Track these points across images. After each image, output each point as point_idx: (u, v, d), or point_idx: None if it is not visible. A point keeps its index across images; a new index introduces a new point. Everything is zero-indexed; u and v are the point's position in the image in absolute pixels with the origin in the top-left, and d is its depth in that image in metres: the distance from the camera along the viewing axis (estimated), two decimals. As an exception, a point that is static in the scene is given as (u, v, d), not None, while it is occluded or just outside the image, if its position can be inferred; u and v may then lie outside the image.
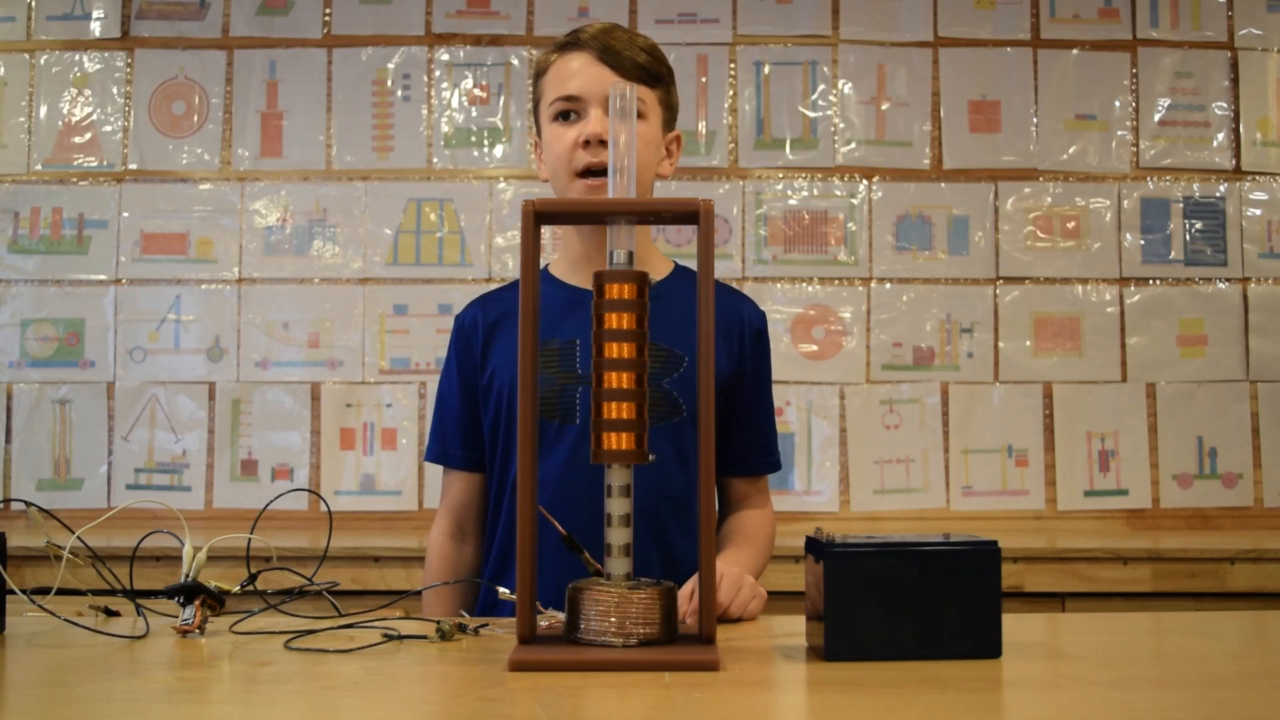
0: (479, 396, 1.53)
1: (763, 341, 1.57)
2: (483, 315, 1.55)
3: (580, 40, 1.47)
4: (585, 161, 1.43)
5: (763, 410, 1.57)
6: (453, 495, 1.57)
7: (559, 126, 1.46)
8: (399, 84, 2.97)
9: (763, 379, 1.57)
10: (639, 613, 1.03)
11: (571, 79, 1.45)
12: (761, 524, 1.56)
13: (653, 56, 1.48)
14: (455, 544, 1.56)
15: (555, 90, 1.46)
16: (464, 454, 1.55)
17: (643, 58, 1.46)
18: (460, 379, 1.55)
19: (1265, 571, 2.38)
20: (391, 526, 2.83)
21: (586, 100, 1.44)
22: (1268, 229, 2.97)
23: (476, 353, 1.53)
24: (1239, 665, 1.09)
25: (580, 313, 1.42)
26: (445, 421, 1.56)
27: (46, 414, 2.91)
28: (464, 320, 1.57)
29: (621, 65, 1.44)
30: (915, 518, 2.88)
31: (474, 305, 1.58)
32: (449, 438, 1.56)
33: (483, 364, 1.53)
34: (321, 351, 2.92)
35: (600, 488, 1.05)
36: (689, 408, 1.44)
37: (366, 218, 2.94)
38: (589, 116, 1.43)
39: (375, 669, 1.01)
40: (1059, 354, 2.93)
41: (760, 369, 1.56)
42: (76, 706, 0.90)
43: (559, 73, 1.47)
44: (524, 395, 1.07)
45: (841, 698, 0.93)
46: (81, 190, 2.95)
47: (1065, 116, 2.98)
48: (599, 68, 1.44)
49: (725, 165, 2.96)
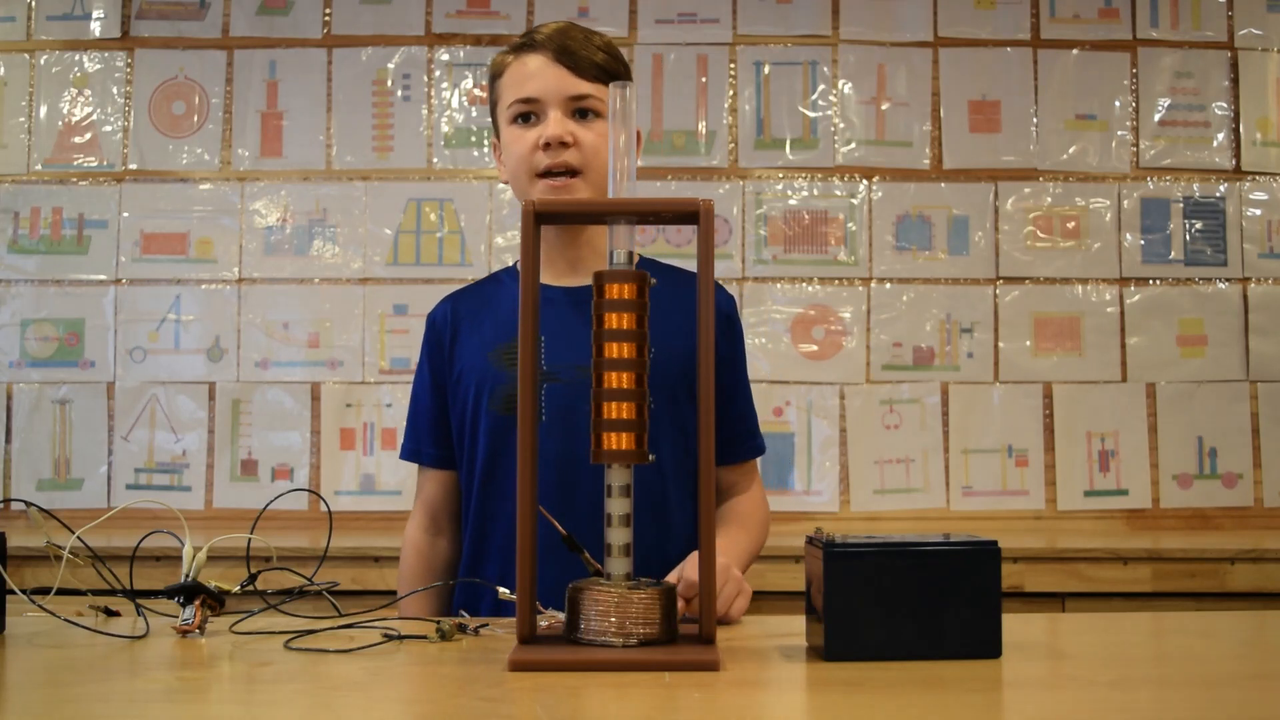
0: (449, 393, 1.53)
1: (734, 326, 1.55)
2: (452, 312, 1.55)
3: (536, 41, 1.46)
4: (545, 163, 1.43)
5: (740, 396, 1.55)
6: (426, 493, 1.58)
7: (518, 129, 1.46)
8: (399, 84, 2.97)
9: (737, 364, 1.55)
10: (639, 613, 1.03)
11: (529, 81, 1.45)
12: (752, 509, 1.54)
13: (610, 55, 1.47)
14: (430, 538, 1.57)
15: (513, 92, 1.46)
16: (436, 452, 1.56)
17: (600, 57, 1.45)
18: (432, 376, 1.55)
19: (1265, 571, 2.38)
20: (391, 526, 2.82)
21: (545, 102, 1.44)
22: (1268, 229, 2.97)
23: (446, 349, 1.53)
24: (1239, 665, 1.09)
25: (547, 310, 1.41)
26: (418, 420, 1.57)
27: (46, 414, 2.90)
28: (435, 317, 1.57)
29: (579, 65, 1.44)
30: (915, 518, 2.88)
31: (445, 302, 1.59)
32: (421, 436, 1.56)
33: (451, 360, 1.53)
34: (321, 351, 2.92)
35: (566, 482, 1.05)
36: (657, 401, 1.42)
37: (366, 218, 2.94)
38: (548, 118, 1.43)
39: (375, 669, 1.01)
40: (1059, 354, 2.93)
41: (734, 354, 1.54)
42: (76, 706, 0.90)
43: (516, 74, 1.46)
44: (524, 396, 1.07)
45: (841, 698, 0.93)
46: (81, 190, 2.95)
47: (1065, 116, 2.98)
48: (556, 69, 1.44)
49: (725, 165, 2.96)
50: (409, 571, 1.56)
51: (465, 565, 1.51)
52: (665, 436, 1.44)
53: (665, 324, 1.33)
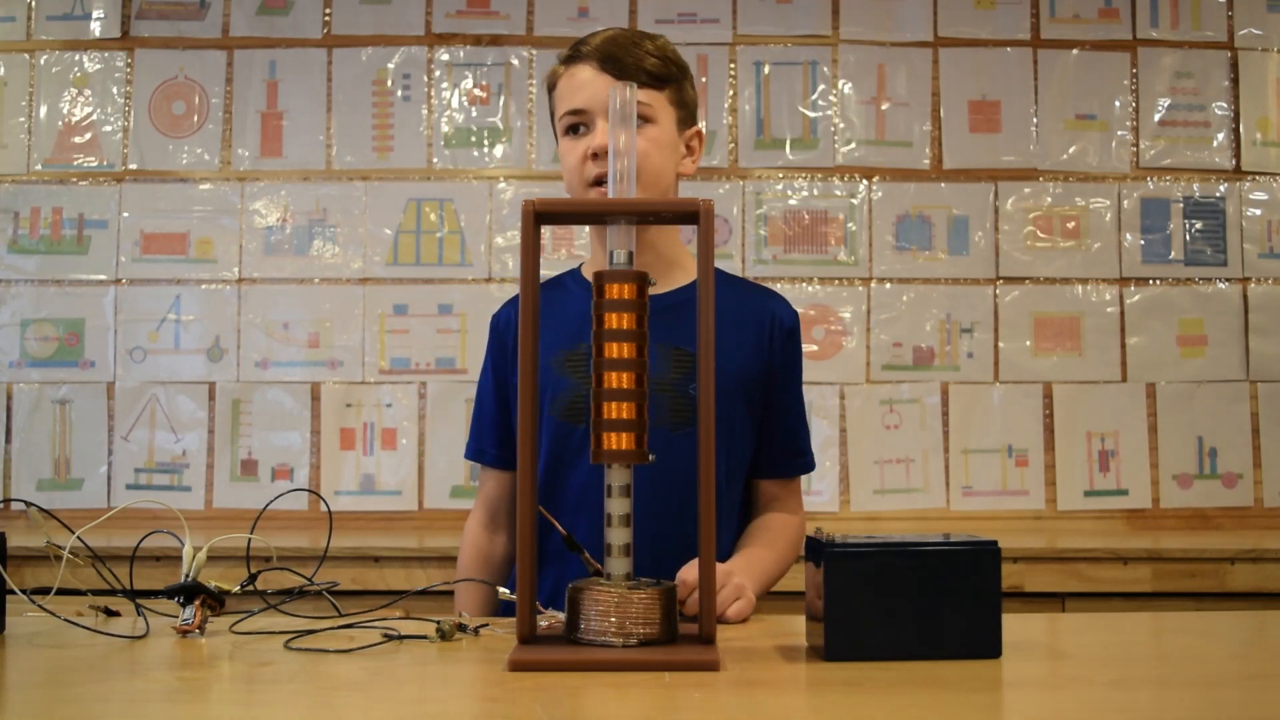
0: (511, 396, 1.54)
1: (794, 341, 1.56)
2: (515, 315, 1.57)
3: (582, 52, 1.47)
4: (594, 173, 1.44)
5: (794, 411, 1.56)
6: (487, 490, 1.62)
7: (569, 140, 1.48)
8: (399, 84, 2.97)
9: (794, 379, 1.56)
10: (639, 613, 1.03)
11: (577, 93, 1.46)
12: (785, 526, 1.54)
13: (661, 58, 1.47)
14: (488, 534, 1.60)
15: (564, 104, 1.48)
16: (497, 452, 1.58)
17: (649, 62, 1.46)
18: (494, 378, 1.58)
19: (1265, 571, 2.38)
20: (391, 526, 2.83)
21: (593, 113, 1.45)
22: (1268, 229, 2.97)
23: (509, 353, 1.55)
24: (1239, 665, 1.09)
25: None
26: (482, 420, 1.60)
27: (46, 414, 2.90)
28: (499, 320, 1.60)
29: (626, 73, 1.44)
30: (915, 518, 2.88)
31: (508, 305, 1.61)
32: (484, 436, 1.59)
33: (513, 364, 1.54)
34: (321, 351, 2.92)
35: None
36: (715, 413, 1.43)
37: (366, 218, 2.94)
38: (596, 129, 1.44)
39: (375, 669, 1.01)
40: (1059, 354, 2.93)
41: (791, 369, 1.56)
42: (76, 706, 0.90)
43: (567, 86, 1.48)
44: (524, 395, 1.07)
45: (841, 698, 0.93)
46: (81, 190, 2.95)
47: (1065, 116, 2.98)
48: (604, 79, 1.44)
49: (725, 165, 2.96)
50: (467, 564, 1.59)
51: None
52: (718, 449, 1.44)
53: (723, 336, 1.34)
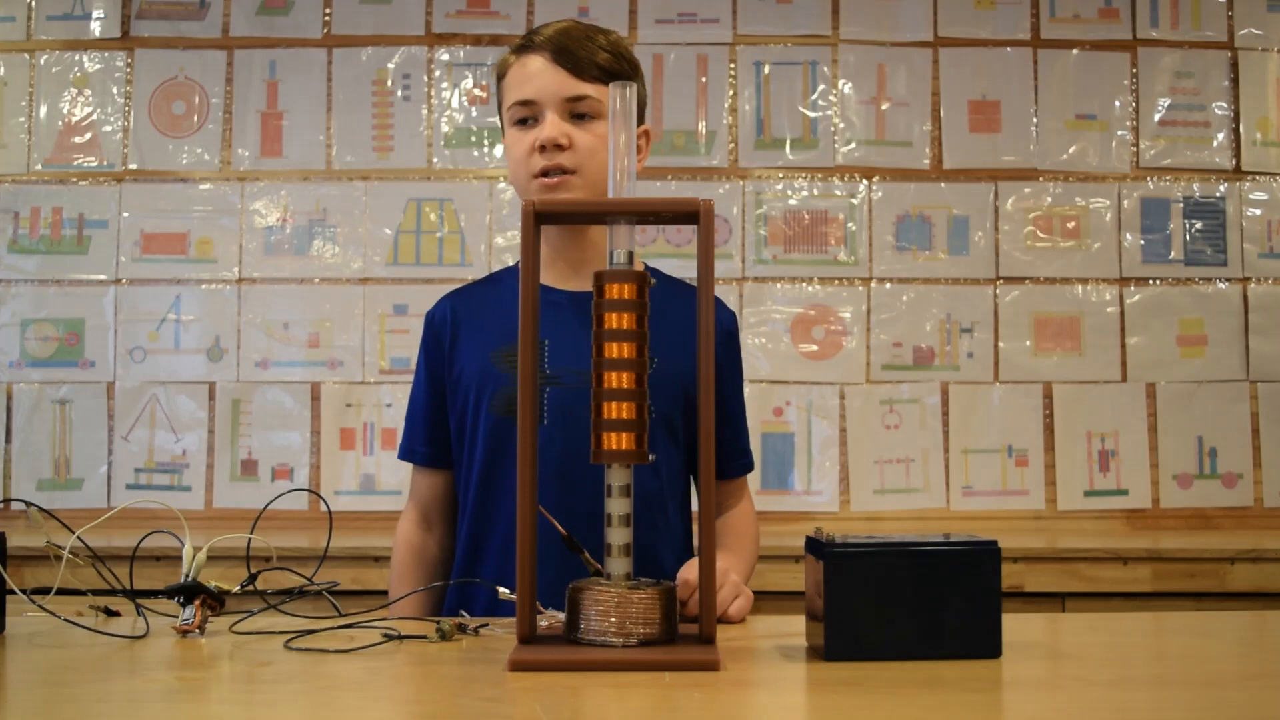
0: (447, 392, 1.53)
1: (733, 343, 1.56)
2: (452, 312, 1.55)
3: (535, 43, 1.45)
4: (541, 165, 1.42)
5: (734, 413, 1.56)
6: (419, 491, 1.59)
7: (517, 131, 1.46)
8: (399, 84, 2.97)
9: (734, 381, 1.56)
10: (639, 613, 1.03)
11: (527, 83, 1.44)
12: (744, 523, 1.57)
13: (614, 54, 1.45)
14: (421, 533, 1.58)
15: (513, 94, 1.46)
16: (428, 451, 1.56)
17: (602, 57, 1.44)
18: (428, 376, 1.55)
19: (1265, 571, 2.38)
20: (391, 526, 2.78)
21: (542, 104, 1.43)
22: (1268, 229, 2.97)
23: (446, 348, 1.53)
24: (1239, 665, 1.09)
25: (549, 311, 1.42)
26: (414, 419, 1.58)
27: (46, 414, 2.90)
28: (434, 316, 1.57)
29: (578, 66, 1.42)
30: (915, 518, 2.88)
31: (444, 301, 1.59)
32: (416, 436, 1.57)
33: (451, 360, 1.52)
34: (321, 351, 2.92)
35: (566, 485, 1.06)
36: (657, 409, 1.43)
37: (366, 218, 2.94)
38: (545, 121, 1.43)
39: (375, 669, 1.01)
40: (1059, 354, 2.93)
41: (731, 371, 1.55)
42: (76, 706, 0.90)
43: (517, 75, 1.46)
44: (524, 397, 1.06)
45: (841, 698, 0.93)
46: (81, 190, 2.95)
47: (1065, 116, 2.98)
48: (554, 71, 1.43)
49: (725, 165, 2.96)
50: (401, 566, 1.57)
51: (460, 564, 1.51)
52: (661, 446, 1.44)
53: (667, 335, 1.33)
